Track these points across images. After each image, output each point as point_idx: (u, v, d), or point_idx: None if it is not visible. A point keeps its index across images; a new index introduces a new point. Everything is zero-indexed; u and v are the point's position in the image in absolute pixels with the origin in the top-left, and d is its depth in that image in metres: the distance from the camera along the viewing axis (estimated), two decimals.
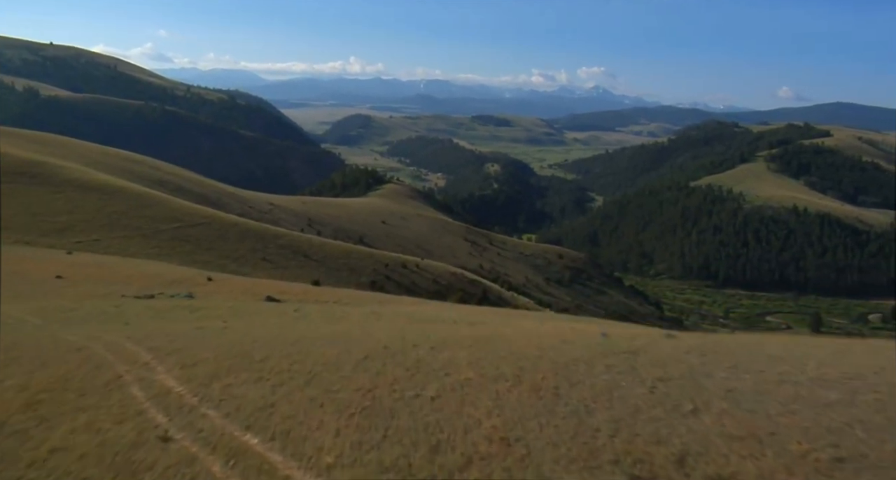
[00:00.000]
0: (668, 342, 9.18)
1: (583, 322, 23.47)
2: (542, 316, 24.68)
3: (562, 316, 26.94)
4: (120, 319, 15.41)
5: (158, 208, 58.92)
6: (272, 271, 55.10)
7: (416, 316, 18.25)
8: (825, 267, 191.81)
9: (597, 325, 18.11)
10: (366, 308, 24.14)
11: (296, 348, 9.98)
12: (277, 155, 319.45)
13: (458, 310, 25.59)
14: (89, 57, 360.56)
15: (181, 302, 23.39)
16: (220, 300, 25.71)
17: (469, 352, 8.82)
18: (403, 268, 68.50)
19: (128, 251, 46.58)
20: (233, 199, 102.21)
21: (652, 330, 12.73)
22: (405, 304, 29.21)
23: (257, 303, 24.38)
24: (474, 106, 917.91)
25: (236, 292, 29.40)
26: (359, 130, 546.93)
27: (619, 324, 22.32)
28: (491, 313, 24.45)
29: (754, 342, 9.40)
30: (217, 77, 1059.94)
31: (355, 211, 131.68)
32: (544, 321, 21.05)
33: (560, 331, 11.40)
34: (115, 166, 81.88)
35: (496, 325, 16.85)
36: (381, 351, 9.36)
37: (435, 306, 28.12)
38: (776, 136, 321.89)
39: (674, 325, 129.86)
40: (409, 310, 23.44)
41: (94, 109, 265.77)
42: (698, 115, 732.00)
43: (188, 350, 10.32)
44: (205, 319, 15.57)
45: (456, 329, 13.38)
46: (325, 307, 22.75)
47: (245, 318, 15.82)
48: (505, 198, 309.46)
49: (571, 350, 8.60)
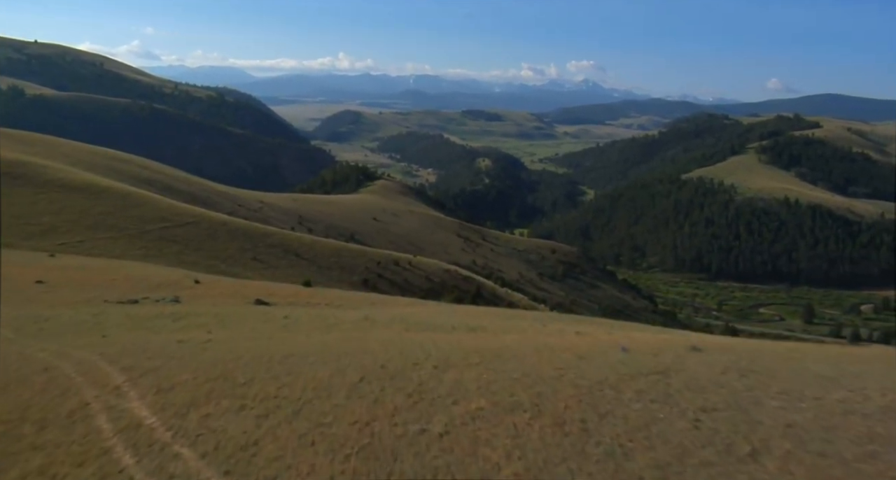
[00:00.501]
0: (698, 358, 8.30)
1: (586, 323, 22.59)
2: (543, 318, 23.79)
3: (563, 317, 26.07)
4: (97, 330, 14.44)
5: (145, 208, 57.70)
6: (262, 271, 54.06)
7: (412, 322, 17.33)
8: (817, 259, 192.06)
9: (606, 331, 17.23)
10: (359, 311, 23.20)
11: (284, 367, 9.06)
12: (267, 152, 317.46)
13: (455, 312, 24.69)
14: (75, 55, 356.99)
15: (165, 308, 22.40)
16: (207, 305, 24.72)
17: (477, 373, 7.92)
18: (396, 266, 67.52)
19: (113, 252, 45.43)
20: (222, 198, 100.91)
21: (672, 338, 11.85)
22: (399, 306, 28.29)
23: (245, 308, 23.40)
24: (464, 101, 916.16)
25: (224, 295, 28.41)
26: (349, 126, 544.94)
27: (627, 327, 21.49)
28: (489, 315, 23.55)
29: (794, 356, 8.52)
30: (205, 74, 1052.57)
31: (346, 208, 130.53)
32: (546, 323, 20.17)
33: (572, 344, 10.51)
34: (101, 165, 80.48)
35: (497, 331, 15.97)
36: (378, 371, 8.44)
37: (430, 308, 27.22)
38: (766, 128, 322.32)
39: (668, 319, 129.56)
40: (403, 313, 22.52)
41: (80, 108, 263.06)
42: (688, 108, 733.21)
43: (166, 369, 9.39)
44: (188, 329, 14.61)
45: (457, 338, 12.48)
46: (316, 311, 21.80)
47: (231, 327, 14.87)
48: (496, 192, 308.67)
49: (592, 369, 7.71)
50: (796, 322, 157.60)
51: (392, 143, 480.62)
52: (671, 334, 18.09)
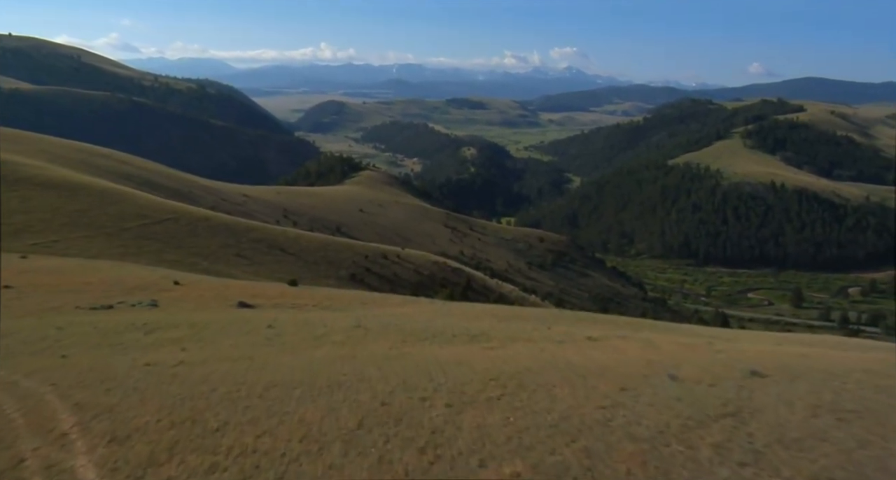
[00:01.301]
0: (765, 388, 6.89)
1: (590, 322, 21.23)
2: (544, 317, 22.39)
3: (564, 314, 24.68)
4: (57, 349, 12.88)
5: (123, 204, 55.70)
6: (246, 267, 52.39)
7: (408, 329, 15.88)
8: (804, 243, 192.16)
9: (617, 333, 15.85)
10: (349, 314, 21.72)
11: (265, 404, 7.58)
12: (250, 144, 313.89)
13: (451, 313, 23.26)
14: (51, 48, 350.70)
15: (141, 314, 20.83)
16: (186, 309, 23.15)
17: (501, 415, 6.47)
18: (384, 259, 65.97)
19: (90, 252, 43.56)
20: (204, 192, 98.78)
21: (720, 355, 10.46)
22: (391, 305, 26.83)
23: (227, 313, 21.86)
24: (448, 89, 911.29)
25: (206, 297, 26.82)
26: (332, 117, 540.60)
27: (635, 325, 20.13)
28: (487, 315, 22.14)
29: (882, 384, 7.12)
30: (185, 66, 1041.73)
31: (332, 199, 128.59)
32: (550, 325, 18.78)
33: (600, 362, 9.10)
34: (79, 161, 78.14)
35: (503, 338, 14.56)
36: (378, 411, 6.96)
37: (423, 307, 25.77)
38: (751, 113, 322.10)
39: (658, 306, 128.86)
40: (396, 316, 21.08)
41: (57, 102, 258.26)
42: (671, 94, 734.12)
43: (125, 407, 7.90)
44: (159, 346, 13.08)
45: (464, 356, 11.06)
46: (303, 316, 20.30)
47: (208, 343, 13.35)
48: (482, 181, 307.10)
49: (644, 408, 6.28)
50: (785, 306, 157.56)
51: (376, 133, 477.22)
52: (692, 336, 16.77)
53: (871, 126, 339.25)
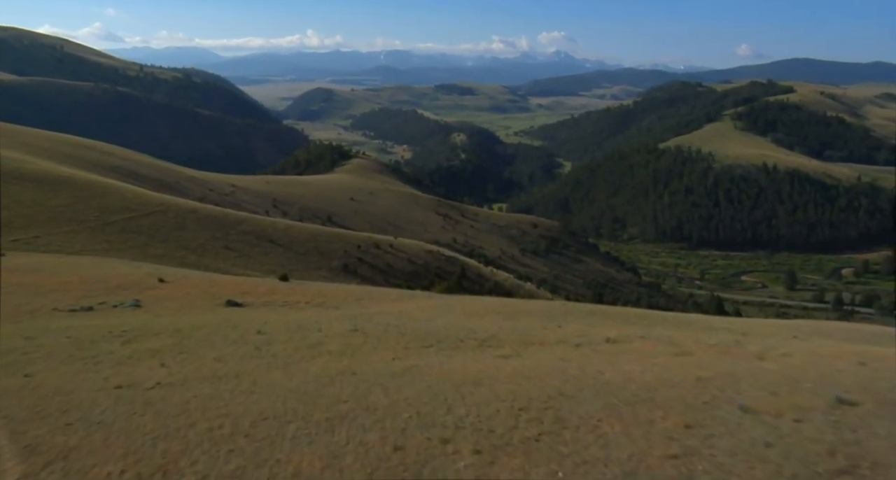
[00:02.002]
0: (870, 426, 5.67)
1: (599, 317, 20.00)
2: (552, 313, 21.15)
3: (570, 308, 23.47)
4: (22, 365, 11.54)
5: (108, 197, 54.05)
6: (236, 260, 50.98)
7: (410, 333, 14.64)
8: (796, 224, 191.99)
9: (636, 332, 14.63)
10: (344, 313, 20.43)
11: (252, 447, 6.29)
12: (238, 133, 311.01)
13: (451, 309, 22.00)
14: (33, 38, 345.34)
15: (121, 317, 19.49)
16: (171, 310, 21.80)
17: (547, 467, 5.21)
18: (377, 249, 64.63)
19: (73, 248, 42.02)
20: (192, 183, 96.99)
21: (770, 366, 9.20)
22: (387, 301, 25.55)
23: (214, 314, 20.54)
24: (436, 75, 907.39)
25: (192, 295, 25.45)
26: (321, 105, 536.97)
27: (649, 319, 18.93)
28: (490, 313, 20.91)
29: None
30: (171, 56, 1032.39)
31: (321, 188, 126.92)
32: (560, 323, 17.57)
33: (646, 384, 7.83)
34: (61, 153, 76.18)
35: (515, 343, 13.31)
36: (391, 459, 5.70)
37: (421, 303, 24.49)
38: (740, 95, 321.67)
39: (653, 291, 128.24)
40: (394, 314, 19.82)
41: (40, 93, 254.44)
42: (660, 77, 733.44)
43: (85, 452, 6.59)
44: (136, 360, 11.75)
45: (474, 365, 9.82)
46: (295, 316, 19.00)
47: (191, 355, 12.04)
48: (473, 167, 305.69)
49: (726, 459, 5.03)
50: (779, 288, 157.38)
51: (365, 120, 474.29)
52: (710, 331, 15.56)
53: (860, 106, 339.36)
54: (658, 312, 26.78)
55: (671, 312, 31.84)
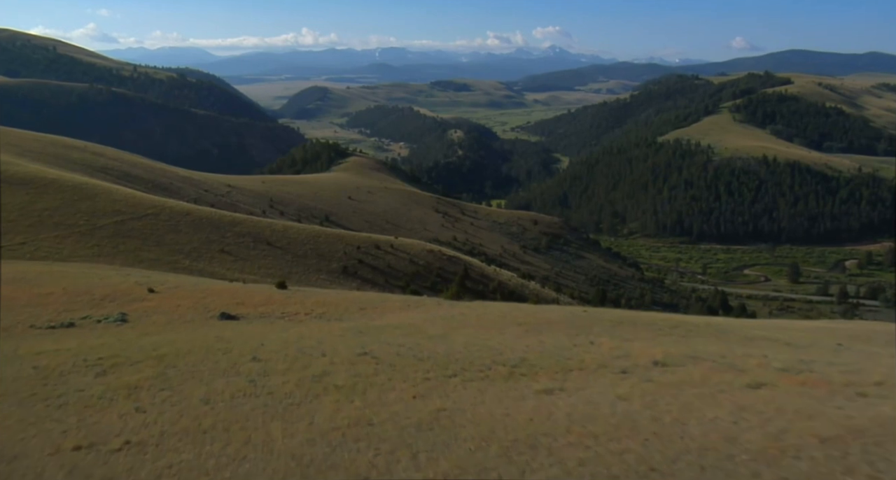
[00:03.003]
0: None
1: (628, 329, 18.18)
2: (580, 325, 19.28)
3: (595, 315, 21.62)
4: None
5: (98, 200, 52.09)
6: (232, 264, 49.11)
7: (426, 355, 12.85)
8: (798, 216, 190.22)
9: (708, 360, 12.81)
10: (348, 327, 18.59)
11: None
12: (233, 132, 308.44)
13: (465, 320, 20.16)
14: (26, 39, 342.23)
15: (104, 334, 17.67)
16: (159, 327, 19.96)
17: None
18: (377, 250, 62.72)
19: (60, 254, 40.14)
20: (186, 183, 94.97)
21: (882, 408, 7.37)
22: (393, 310, 23.70)
23: (206, 329, 18.72)
24: (432, 72, 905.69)
25: (183, 307, 23.60)
26: (316, 103, 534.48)
27: (682, 327, 17.06)
28: (510, 323, 19.08)
29: None
30: (166, 56, 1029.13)
31: (319, 187, 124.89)
32: (593, 338, 15.76)
33: (759, 450, 6.02)
34: (50, 154, 74.14)
35: (550, 369, 11.49)
36: None
37: (431, 313, 22.64)
38: (738, 87, 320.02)
39: (656, 286, 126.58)
40: (404, 328, 18.00)
41: (33, 94, 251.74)
42: (655, 70, 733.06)
43: None
44: (109, 401, 9.90)
45: (516, 407, 8.01)
46: (295, 332, 17.15)
47: (174, 393, 10.19)
48: (470, 163, 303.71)
49: None
50: (782, 282, 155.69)
51: (361, 118, 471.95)
52: (761, 347, 13.70)
53: (858, 96, 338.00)
54: (683, 317, 25.00)
55: (695, 316, 30.03)
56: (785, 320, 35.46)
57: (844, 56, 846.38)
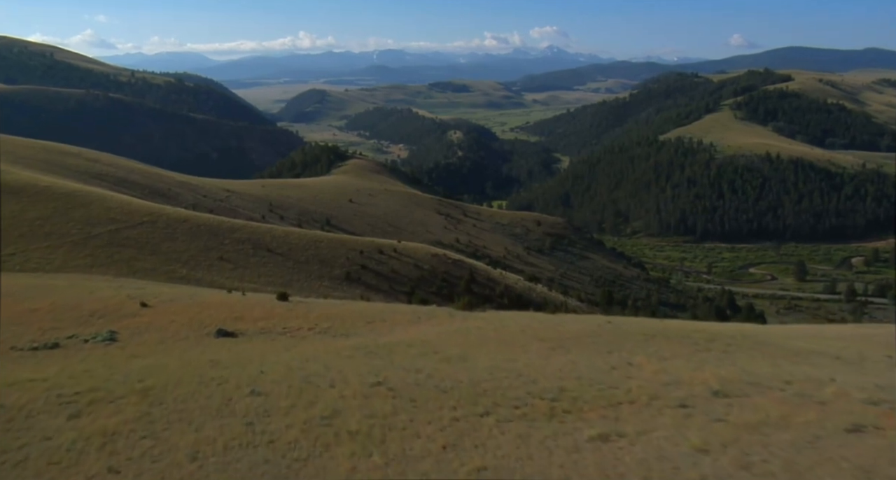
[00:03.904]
0: None
1: (661, 342, 16.57)
2: (601, 334, 17.69)
3: (622, 326, 20.04)
4: None
5: (91, 208, 50.47)
6: (231, 272, 47.51)
7: (448, 384, 11.27)
8: (803, 214, 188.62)
9: (772, 387, 11.19)
10: (356, 344, 17.00)
11: None
12: (232, 136, 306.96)
13: (483, 336, 18.57)
14: (22, 46, 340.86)
15: (87, 359, 16.09)
16: (149, 346, 18.39)
17: None
18: (380, 254, 61.09)
19: (52, 265, 38.56)
20: (184, 189, 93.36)
21: None
22: (404, 324, 22.10)
23: (201, 350, 17.14)
24: (430, 73, 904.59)
25: (177, 324, 22.01)
26: (315, 106, 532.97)
27: (725, 337, 15.39)
28: (532, 338, 17.49)
29: None
30: (163, 61, 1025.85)
31: (319, 190, 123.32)
32: (630, 357, 14.18)
33: None
34: (44, 161, 72.49)
35: (595, 402, 9.90)
36: None
37: (445, 326, 21.04)
38: (738, 84, 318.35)
39: (662, 286, 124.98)
40: (418, 346, 16.42)
41: (29, 101, 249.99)
42: (653, 69, 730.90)
43: None
44: (77, 455, 8.32)
45: (572, 462, 6.44)
46: (298, 355, 15.55)
47: (157, 443, 8.61)
48: (471, 164, 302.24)
49: None
50: (789, 280, 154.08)
51: (360, 121, 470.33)
52: (815, 364, 12.08)
53: (859, 92, 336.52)
54: (713, 327, 23.38)
55: (727, 323, 28.42)
56: (812, 325, 33.82)
57: (843, 52, 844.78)
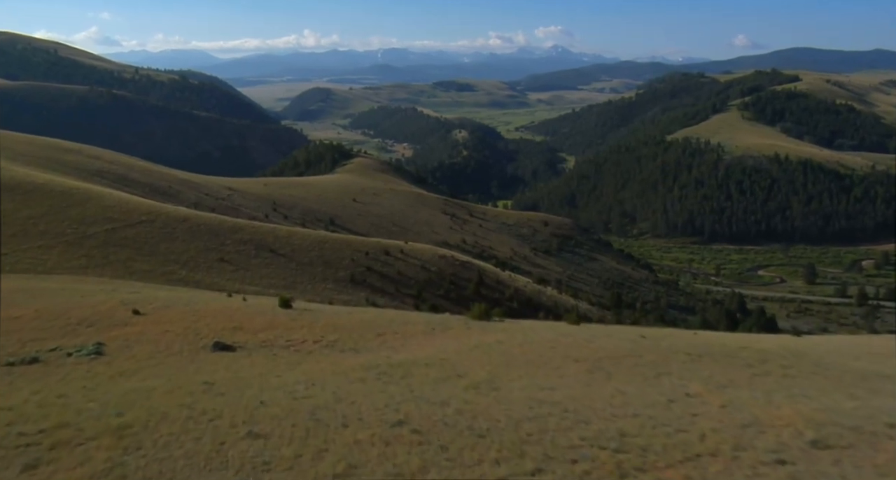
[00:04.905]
0: None
1: (722, 366, 14.70)
2: (641, 352, 15.84)
3: (659, 341, 18.17)
4: None
5: (88, 206, 48.72)
6: (232, 274, 45.70)
7: (485, 425, 9.42)
8: (812, 215, 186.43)
9: (862, 431, 9.31)
10: (367, 362, 15.14)
11: None
12: (235, 134, 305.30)
13: (509, 355, 16.70)
14: (26, 42, 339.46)
15: (67, 378, 14.28)
16: (138, 362, 16.54)
17: None
18: (387, 256, 59.24)
19: (44, 266, 36.79)
20: (185, 187, 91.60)
21: None
22: (419, 338, 20.24)
23: (194, 368, 15.31)
24: (434, 72, 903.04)
25: (171, 334, 20.18)
26: (319, 104, 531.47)
27: (777, 356, 13.57)
28: (562, 356, 15.63)
29: None
30: (168, 58, 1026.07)
31: (323, 189, 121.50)
32: (685, 384, 12.33)
33: None
34: (43, 157, 70.74)
35: (677, 462, 8.06)
36: None
37: (463, 341, 19.19)
38: (745, 84, 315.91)
39: (671, 289, 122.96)
40: (438, 367, 14.57)
41: (32, 97, 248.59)
42: (658, 69, 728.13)
43: None
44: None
45: None
46: (303, 378, 13.69)
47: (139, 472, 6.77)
48: (475, 164, 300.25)
49: None
50: (798, 283, 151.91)
51: (364, 119, 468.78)
52: None
53: (867, 93, 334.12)
54: (754, 340, 21.49)
55: (762, 335, 26.51)
56: (845, 337, 31.84)
57: (849, 53, 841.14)
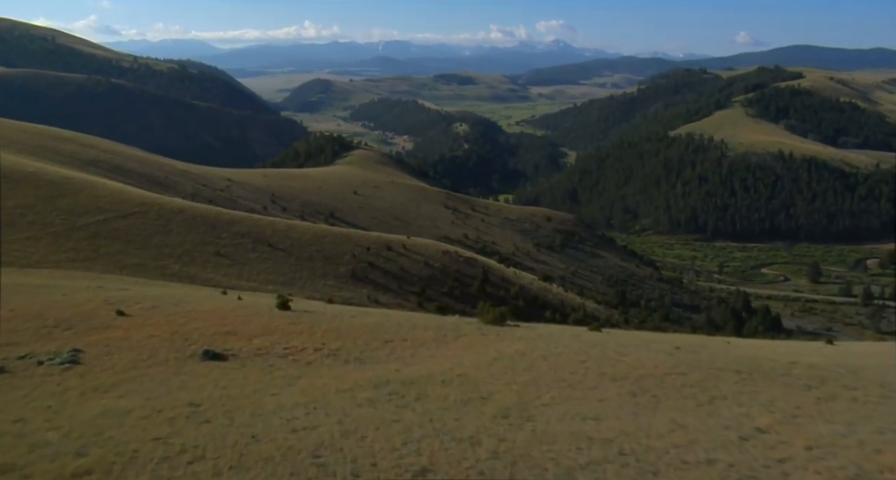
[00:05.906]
0: None
1: (778, 386, 12.88)
2: (686, 371, 14.01)
3: (699, 352, 16.34)
4: None
5: (79, 196, 46.78)
6: (228, 269, 43.83)
7: (516, 465, 7.55)
8: (816, 214, 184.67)
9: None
10: (373, 377, 13.31)
11: None
12: (235, 125, 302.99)
13: (534, 368, 14.85)
14: (24, 29, 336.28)
15: (34, 394, 12.45)
16: (116, 374, 14.68)
17: None
18: (389, 251, 57.36)
19: (30, 259, 34.91)
20: (183, 177, 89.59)
21: None
22: (430, 346, 18.36)
23: (179, 384, 13.47)
24: (435, 65, 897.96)
25: (157, 339, 18.31)
26: (319, 96, 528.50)
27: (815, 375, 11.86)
28: (598, 374, 13.80)
29: None
30: (167, 48, 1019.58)
31: (323, 181, 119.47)
32: (736, 404, 10.49)
33: None
34: (33, 145, 68.64)
35: None
36: None
37: (480, 350, 17.33)
38: (748, 81, 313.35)
39: (675, 286, 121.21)
40: (457, 385, 12.73)
41: (28, 85, 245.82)
42: (660, 65, 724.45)
43: None
44: None
45: None
46: (300, 388, 11.84)
47: None
48: (476, 158, 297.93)
49: None
50: (802, 282, 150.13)
51: (364, 111, 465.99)
52: None
53: (870, 91, 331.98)
54: (795, 351, 19.67)
55: (799, 342, 24.70)
56: (872, 343, 30.10)
57: (850, 51, 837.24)
